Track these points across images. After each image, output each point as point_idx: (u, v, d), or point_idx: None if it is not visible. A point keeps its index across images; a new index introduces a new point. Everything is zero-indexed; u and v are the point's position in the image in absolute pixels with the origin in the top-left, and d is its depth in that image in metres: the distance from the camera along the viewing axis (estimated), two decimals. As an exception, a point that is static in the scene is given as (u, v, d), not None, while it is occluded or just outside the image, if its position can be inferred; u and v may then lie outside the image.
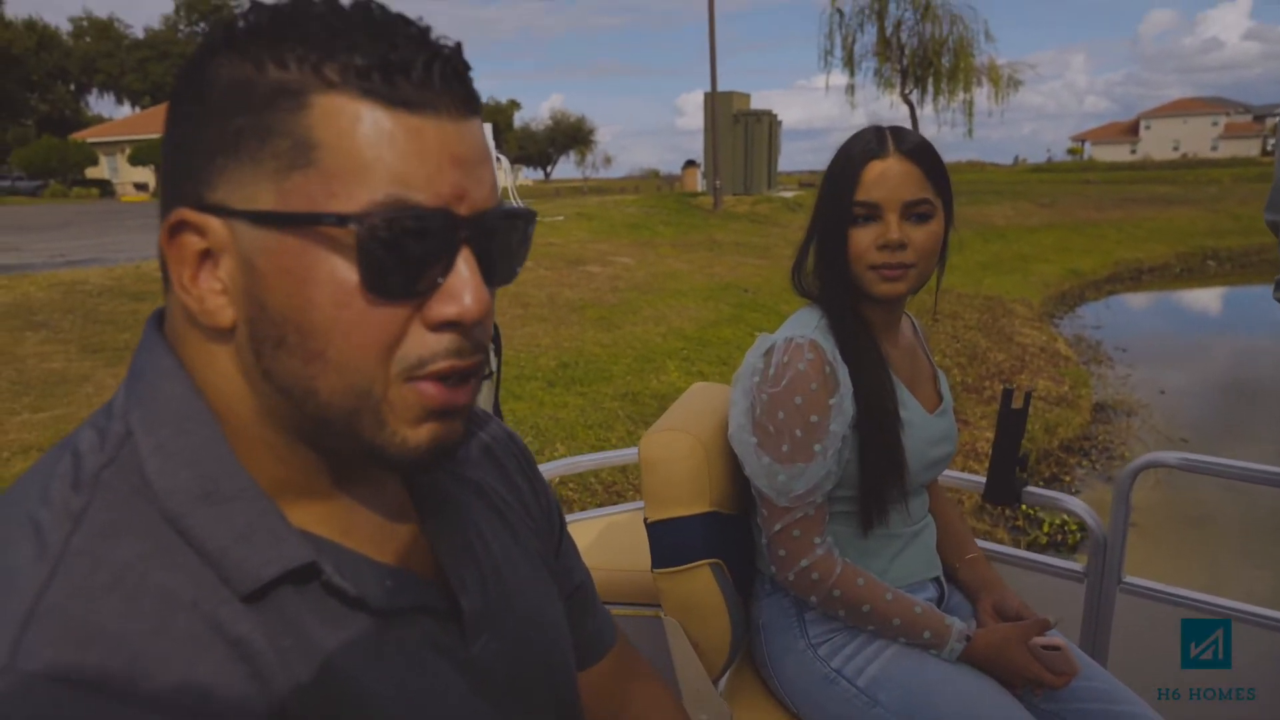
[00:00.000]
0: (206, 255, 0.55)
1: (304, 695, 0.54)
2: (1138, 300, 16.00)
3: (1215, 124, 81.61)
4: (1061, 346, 10.32)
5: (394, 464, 0.58)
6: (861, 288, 1.34)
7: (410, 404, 0.56)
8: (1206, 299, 16.38)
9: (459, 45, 0.57)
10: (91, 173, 45.04)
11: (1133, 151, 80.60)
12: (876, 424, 1.33)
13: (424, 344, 0.55)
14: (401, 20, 0.55)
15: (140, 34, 63.01)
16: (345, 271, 0.53)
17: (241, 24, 0.54)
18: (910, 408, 1.38)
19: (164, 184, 0.57)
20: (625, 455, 2.60)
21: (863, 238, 1.30)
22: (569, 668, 0.79)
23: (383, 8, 0.55)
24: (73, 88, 60.44)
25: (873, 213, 1.30)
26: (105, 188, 42.78)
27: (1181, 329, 13.31)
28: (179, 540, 0.54)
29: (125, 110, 61.99)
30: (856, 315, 1.37)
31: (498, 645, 0.69)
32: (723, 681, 1.53)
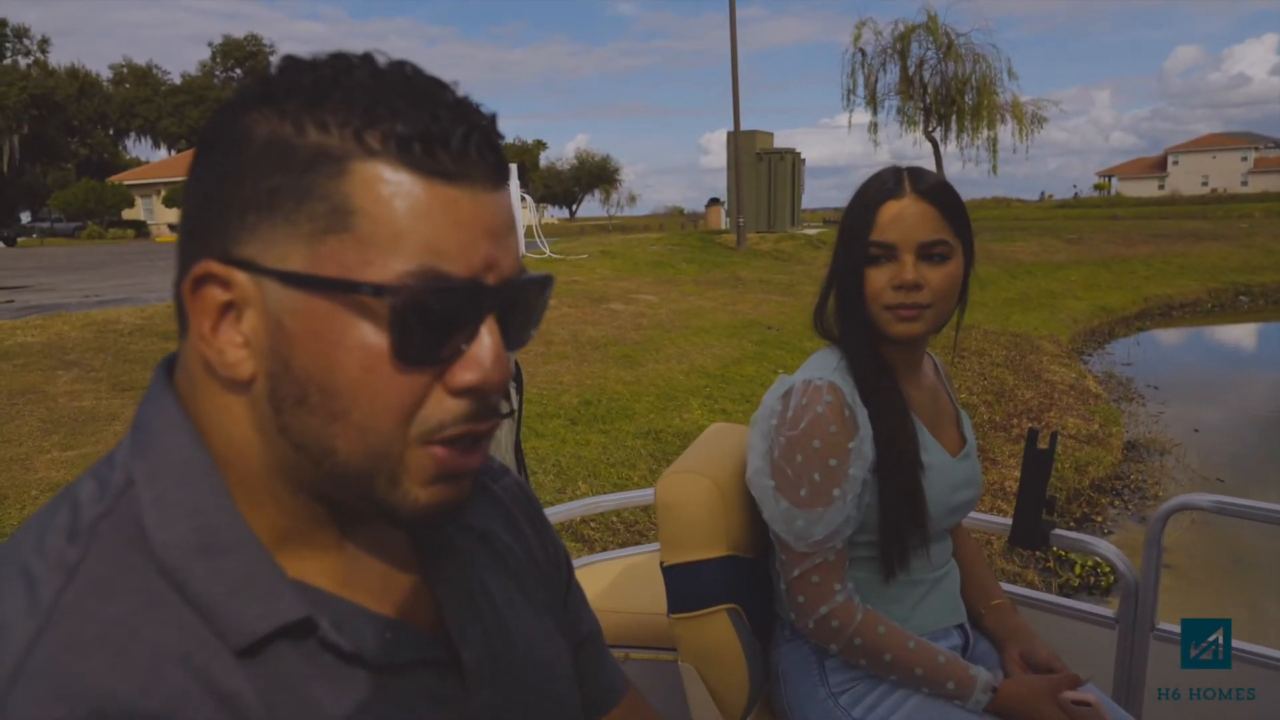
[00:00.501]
0: (229, 308, 0.55)
1: None
2: (1169, 337, 15.76)
3: (1245, 159, 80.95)
4: (1091, 384, 10.17)
5: (402, 521, 0.58)
6: (878, 328, 1.32)
7: (425, 467, 0.57)
8: (1240, 335, 16.11)
9: (494, 116, 0.57)
10: (128, 214, 46.24)
11: (1161, 187, 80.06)
12: (897, 468, 1.30)
13: (444, 408, 0.56)
14: (438, 86, 0.55)
15: (177, 80, 64.83)
16: (375, 338, 0.53)
17: (280, 80, 0.54)
18: (932, 451, 1.36)
19: (187, 232, 0.56)
20: (646, 495, 2.58)
21: (878, 278, 1.29)
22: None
23: (418, 70, 0.55)
24: (111, 132, 62.15)
25: (888, 253, 1.29)
26: (140, 229, 43.85)
27: (1215, 366, 13.07)
28: (173, 594, 0.53)
29: (161, 154, 63.62)
30: (876, 356, 1.34)
31: (500, 698, 0.67)
32: (741, 731, 1.50)
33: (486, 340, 0.56)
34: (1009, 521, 1.81)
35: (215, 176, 0.55)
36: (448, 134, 0.53)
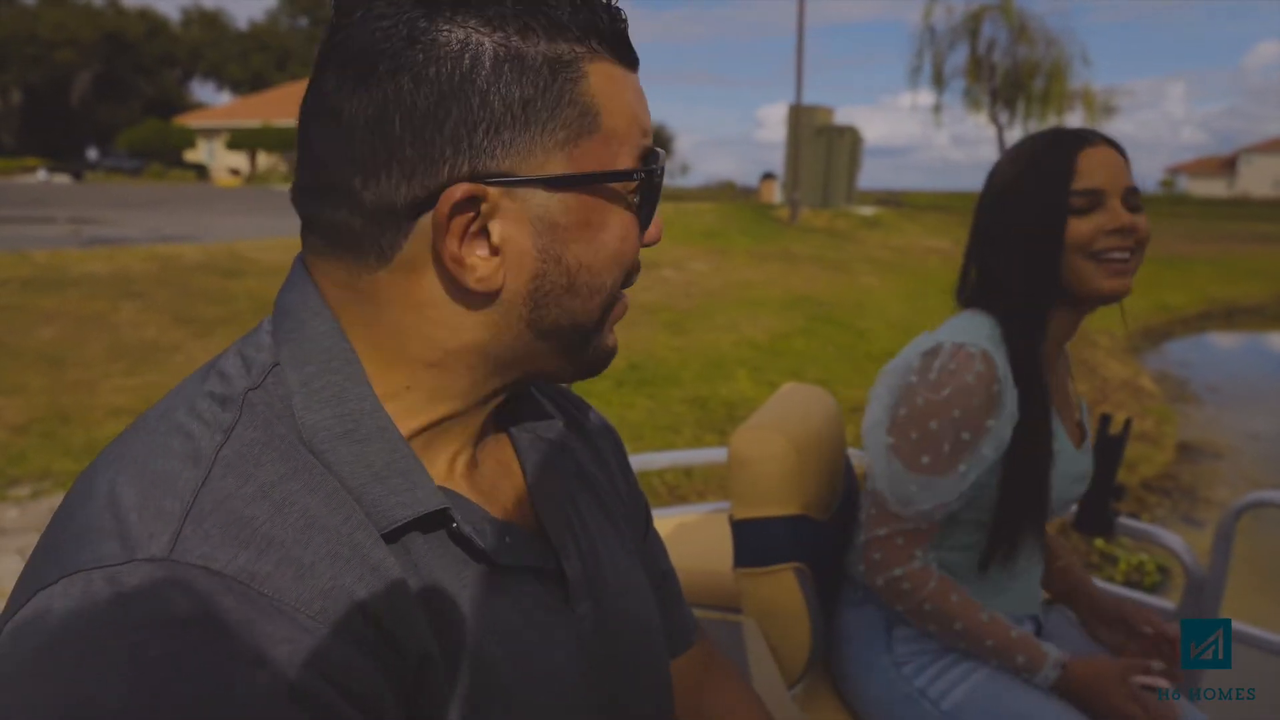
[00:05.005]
0: (472, 223, 0.56)
1: (426, 634, 0.55)
2: (1230, 340, 15.32)
3: (1323, 162, 77.74)
4: (1146, 382, 9.93)
5: (597, 368, 0.68)
6: (1079, 286, 1.22)
7: (616, 312, 0.66)
8: (1306, 343, 15.59)
9: None
10: (189, 156, 47.04)
11: (1230, 187, 77.39)
12: (1030, 458, 1.23)
13: (638, 260, 0.66)
14: None
15: (244, 26, 65.60)
16: (628, 215, 0.62)
17: None
18: (1060, 439, 1.29)
19: (385, 152, 0.54)
20: (696, 456, 2.58)
21: (1083, 227, 1.19)
22: (662, 649, 0.79)
23: None
24: (178, 74, 63.14)
25: (1094, 201, 1.19)
26: (201, 171, 44.62)
27: (1277, 373, 12.69)
28: (320, 467, 0.55)
29: (225, 98, 64.50)
30: (1045, 330, 1.25)
31: (598, 615, 0.69)
32: (794, 691, 1.51)
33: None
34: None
35: (430, 94, 0.53)
36: (624, 27, 0.61)
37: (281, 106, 44.46)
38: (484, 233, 0.56)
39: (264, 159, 42.12)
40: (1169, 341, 14.04)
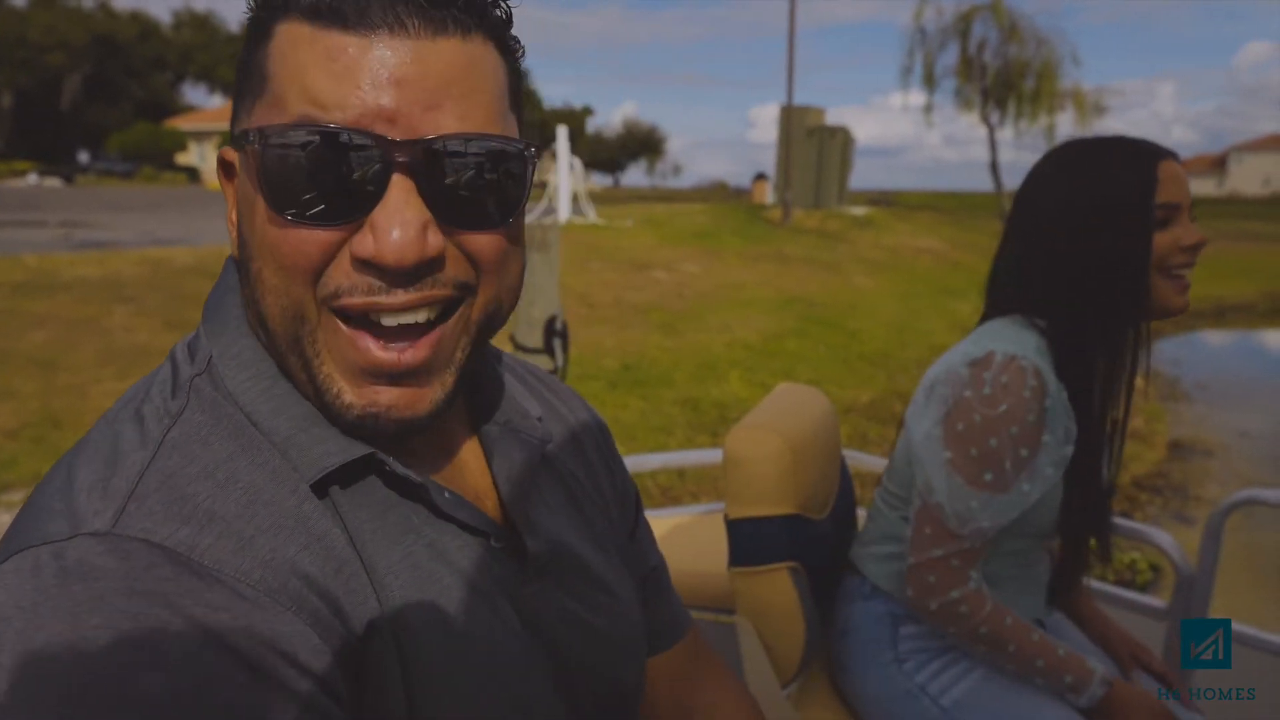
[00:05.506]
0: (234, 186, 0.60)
1: (373, 604, 0.56)
2: (1219, 338, 15.39)
3: (1312, 161, 78.15)
4: (1136, 379, 9.97)
5: (339, 421, 0.57)
6: (1152, 302, 1.21)
7: (343, 345, 0.55)
8: (1295, 341, 15.67)
9: None
10: (181, 159, 46.90)
11: (1220, 185, 77.82)
12: (1091, 477, 1.22)
13: (344, 272, 0.54)
14: None
15: (236, 28, 65.32)
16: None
17: None
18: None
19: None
20: (688, 457, 2.58)
21: (1163, 242, 1.19)
22: (638, 644, 0.78)
23: None
24: (170, 77, 62.90)
25: (1170, 215, 1.19)
26: (193, 174, 44.48)
27: (1267, 370, 12.76)
28: (263, 439, 0.57)
29: (217, 100, 64.32)
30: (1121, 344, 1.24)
31: (548, 598, 0.67)
32: (789, 690, 1.51)
33: (392, 204, 0.52)
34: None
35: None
36: None
37: (273, 109, 44.37)
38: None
39: (255, 162, 41.98)
40: (1159, 339, 14.04)
